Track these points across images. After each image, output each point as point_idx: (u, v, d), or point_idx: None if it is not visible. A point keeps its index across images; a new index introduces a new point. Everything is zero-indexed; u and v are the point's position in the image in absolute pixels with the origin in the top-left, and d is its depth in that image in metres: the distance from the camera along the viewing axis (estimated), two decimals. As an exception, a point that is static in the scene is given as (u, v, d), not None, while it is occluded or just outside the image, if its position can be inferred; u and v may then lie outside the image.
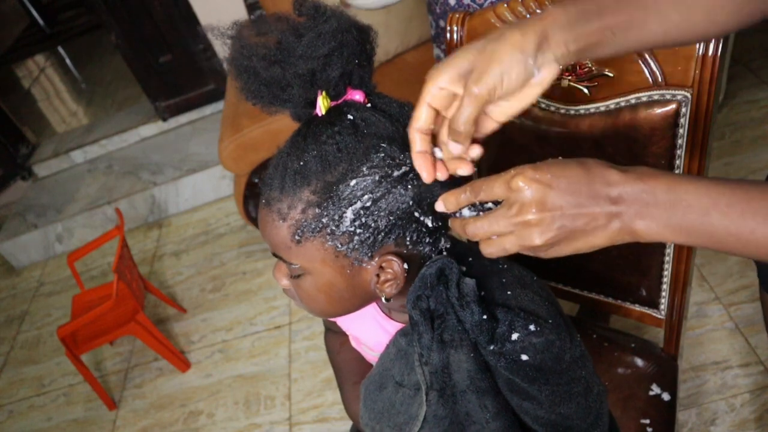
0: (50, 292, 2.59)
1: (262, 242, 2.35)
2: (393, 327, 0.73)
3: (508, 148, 0.93)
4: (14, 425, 2.07)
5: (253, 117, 1.93)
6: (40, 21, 5.20)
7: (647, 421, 0.95)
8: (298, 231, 0.58)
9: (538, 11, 0.81)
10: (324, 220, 0.57)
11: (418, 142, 0.56)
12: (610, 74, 0.80)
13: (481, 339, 0.61)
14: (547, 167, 0.50)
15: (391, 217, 0.57)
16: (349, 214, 0.56)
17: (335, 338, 0.92)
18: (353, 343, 0.84)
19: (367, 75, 0.60)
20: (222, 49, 0.58)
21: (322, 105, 0.57)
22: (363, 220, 0.57)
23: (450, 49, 0.91)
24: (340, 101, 0.59)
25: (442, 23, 1.28)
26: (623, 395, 0.98)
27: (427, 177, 0.56)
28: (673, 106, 0.77)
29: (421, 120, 0.55)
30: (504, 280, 0.66)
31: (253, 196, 2.06)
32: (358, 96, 0.59)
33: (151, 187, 2.68)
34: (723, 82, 2.05)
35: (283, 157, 0.58)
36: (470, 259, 0.68)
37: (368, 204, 0.56)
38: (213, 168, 2.63)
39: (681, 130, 0.78)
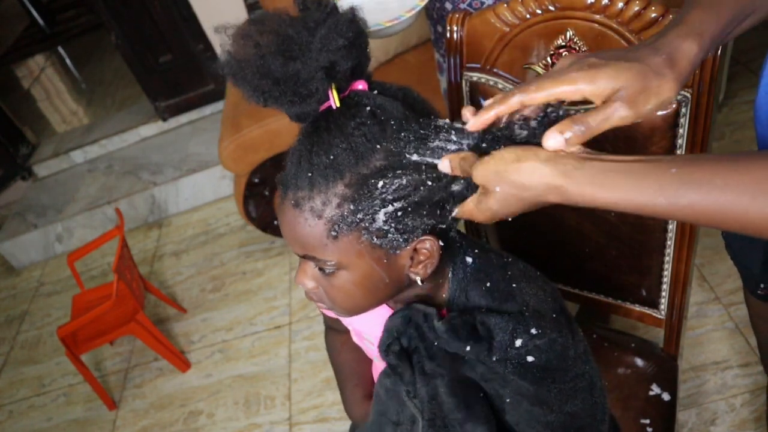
0: (50, 292, 2.59)
1: (262, 242, 2.35)
2: None
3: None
4: (14, 425, 2.07)
5: (253, 117, 1.93)
6: (40, 21, 5.18)
7: (647, 421, 0.95)
8: (335, 226, 0.57)
9: (538, 11, 0.81)
10: (360, 215, 0.56)
11: (491, 113, 0.55)
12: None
13: (481, 356, 0.62)
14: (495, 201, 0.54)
15: (428, 205, 0.57)
16: (385, 207, 0.56)
17: (336, 337, 0.92)
18: (355, 339, 0.83)
19: (366, 64, 0.60)
20: (222, 49, 0.57)
21: (335, 97, 0.56)
22: (399, 212, 0.56)
23: (450, 49, 0.91)
24: (347, 92, 0.58)
25: (440, 28, 1.28)
26: (623, 395, 0.98)
27: (473, 126, 0.55)
28: (673, 106, 0.77)
29: (535, 98, 0.53)
30: (509, 273, 0.67)
31: (253, 196, 2.06)
32: (361, 85, 0.59)
33: (151, 187, 2.68)
34: (723, 82, 2.05)
35: (305, 154, 0.57)
36: (476, 250, 0.68)
37: (404, 197, 0.56)
38: (213, 168, 2.63)
39: (681, 130, 0.79)
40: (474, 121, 0.55)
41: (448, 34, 0.90)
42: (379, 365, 0.82)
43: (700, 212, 0.45)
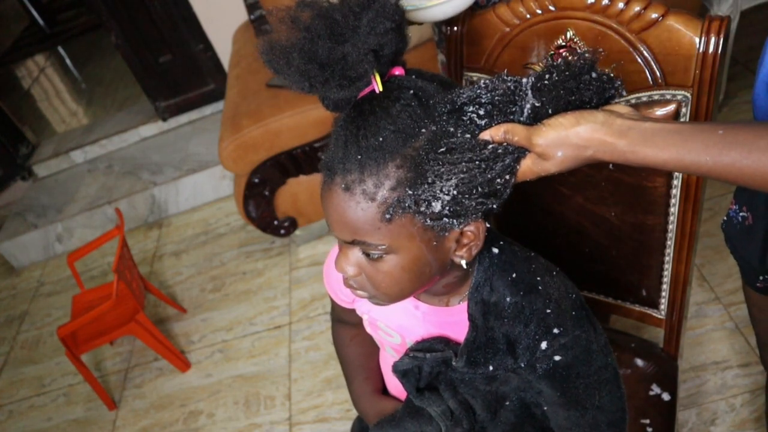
0: (50, 292, 2.59)
1: (262, 242, 2.35)
2: (417, 308, 0.72)
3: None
4: (14, 425, 2.07)
5: (253, 117, 1.94)
6: (40, 21, 5.19)
7: (647, 421, 0.95)
8: (390, 209, 0.56)
9: (538, 11, 0.81)
10: (418, 197, 0.55)
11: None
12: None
13: (508, 368, 0.66)
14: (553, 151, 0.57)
15: (483, 184, 0.56)
16: (443, 189, 0.55)
17: (345, 331, 0.91)
18: (368, 328, 0.82)
19: (404, 50, 0.60)
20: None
21: (378, 82, 0.56)
22: (457, 193, 0.55)
23: (450, 48, 0.91)
24: (386, 78, 0.58)
25: (444, 28, 1.28)
26: (623, 395, 0.98)
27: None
28: (673, 106, 0.77)
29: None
30: (533, 267, 0.68)
31: (253, 196, 2.06)
32: (398, 71, 0.59)
33: (151, 187, 2.68)
34: (723, 82, 2.05)
35: (352, 138, 0.56)
36: (501, 242, 0.69)
37: (460, 177, 0.55)
38: (213, 168, 2.63)
39: (681, 130, 0.79)
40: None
41: (448, 34, 0.90)
42: (387, 355, 0.82)
43: (741, 170, 0.49)
